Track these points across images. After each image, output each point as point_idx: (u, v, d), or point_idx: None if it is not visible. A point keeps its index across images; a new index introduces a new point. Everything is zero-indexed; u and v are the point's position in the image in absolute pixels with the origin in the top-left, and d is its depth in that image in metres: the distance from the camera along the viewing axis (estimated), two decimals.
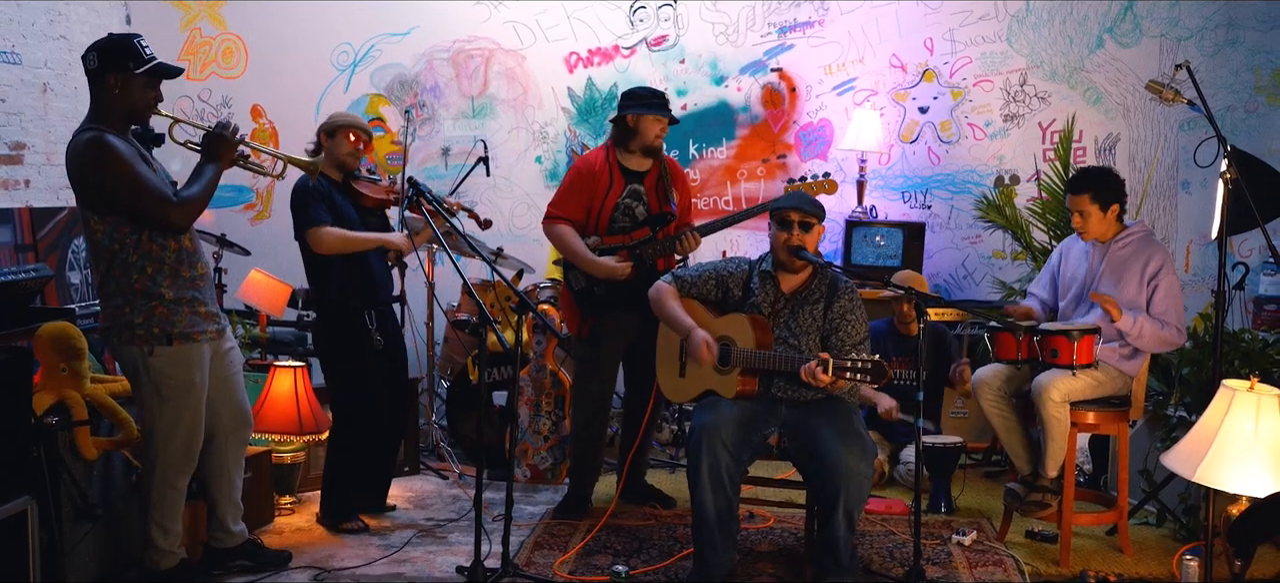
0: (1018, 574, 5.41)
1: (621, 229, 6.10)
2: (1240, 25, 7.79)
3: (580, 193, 6.09)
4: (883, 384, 5.03)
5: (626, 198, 6.10)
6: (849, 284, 5.45)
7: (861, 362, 4.92)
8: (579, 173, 6.16)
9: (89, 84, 4.84)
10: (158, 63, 4.87)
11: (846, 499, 4.96)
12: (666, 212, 6.12)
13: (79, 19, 7.78)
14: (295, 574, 5.37)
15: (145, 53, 4.82)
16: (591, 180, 6.09)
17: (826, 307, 5.37)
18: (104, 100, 4.81)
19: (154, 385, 4.87)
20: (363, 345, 5.94)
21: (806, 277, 5.44)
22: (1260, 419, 4.14)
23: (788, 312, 5.40)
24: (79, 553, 4.97)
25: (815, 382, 5.00)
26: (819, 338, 5.33)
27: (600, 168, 6.10)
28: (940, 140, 8.22)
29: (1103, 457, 6.70)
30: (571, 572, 5.38)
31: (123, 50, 4.79)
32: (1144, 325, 5.53)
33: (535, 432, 6.95)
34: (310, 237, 5.83)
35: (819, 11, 8.23)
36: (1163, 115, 7.94)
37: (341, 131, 5.97)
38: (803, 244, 5.32)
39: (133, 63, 4.77)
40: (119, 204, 4.74)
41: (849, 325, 5.33)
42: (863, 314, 5.40)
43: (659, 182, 6.15)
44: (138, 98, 4.83)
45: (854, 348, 5.26)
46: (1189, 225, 7.94)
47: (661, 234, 6.10)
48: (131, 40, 4.84)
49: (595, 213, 6.08)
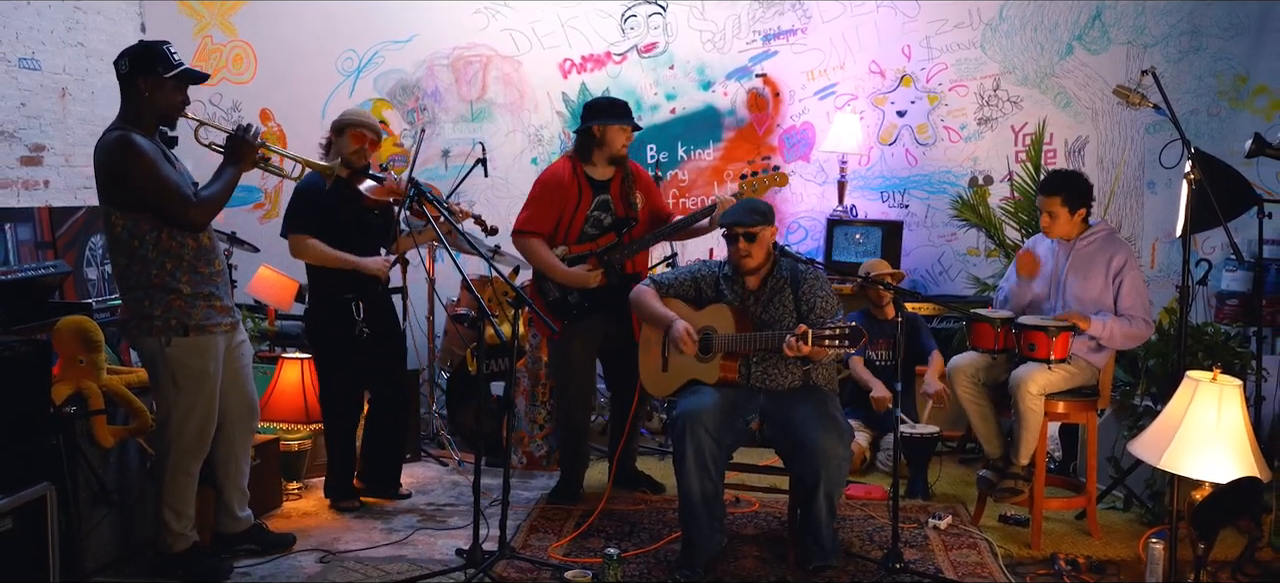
0: (991, 557, 5.41)
1: (589, 237, 6.06)
2: (1204, 33, 7.80)
3: (550, 206, 6.00)
4: (861, 347, 4.99)
5: (595, 210, 6.05)
6: (807, 263, 5.43)
7: (839, 327, 4.91)
8: (547, 186, 6.05)
9: (120, 87, 4.85)
10: (185, 68, 4.90)
11: (826, 482, 4.97)
12: (629, 216, 6.08)
13: (96, 27, 7.75)
14: (301, 557, 5.36)
15: (174, 59, 4.86)
16: (561, 194, 6.00)
17: (795, 291, 5.36)
18: (134, 103, 4.82)
19: (170, 375, 4.87)
20: (345, 333, 5.93)
21: (768, 268, 5.43)
22: (1222, 409, 4.15)
23: (759, 306, 5.39)
24: (96, 537, 4.98)
25: (798, 353, 4.99)
26: (794, 323, 5.30)
27: (569, 181, 6.01)
28: (917, 143, 8.22)
29: (1072, 444, 6.70)
30: (566, 554, 5.37)
31: (153, 56, 4.82)
32: (1114, 327, 5.53)
33: (531, 421, 6.94)
34: (291, 241, 5.88)
35: (802, 20, 8.23)
36: (1129, 119, 7.95)
37: (349, 130, 5.95)
38: (750, 253, 5.31)
39: (161, 68, 4.80)
40: (143, 201, 4.74)
41: (821, 302, 5.31)
42: (830, 289, 5.39)
43: (622, 186, 6.10)
44: (166, 101, 4.85)
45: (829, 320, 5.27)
46: (1155, 224, 7.96)
47: (627, 238, 6.07)
48: (161, 47, 4.86)
49: (565, 226, 6.02)
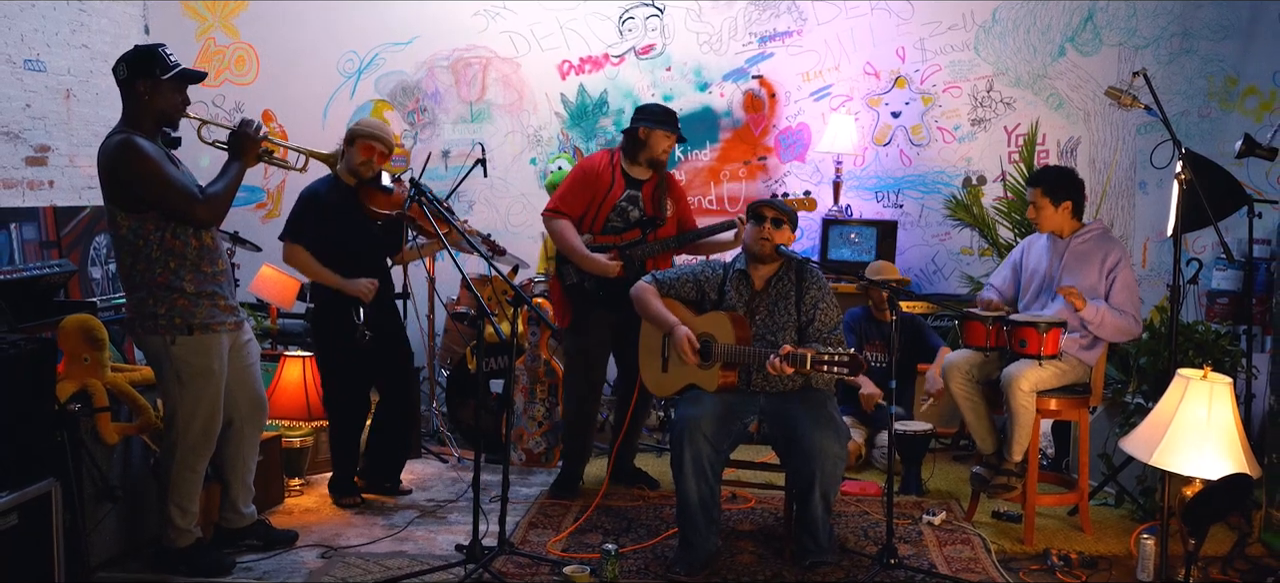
0: (984, 552, 5.42)
1: (614, 230, 6.09)
2: (1194, 35, 7.80)
3: (583, 191, 6.08)
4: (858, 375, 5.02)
5: (624, 202, 6.09)
6: (816, 271, 5.45)
7: (837, 354, 4.92)
8: (584, 172, 6.13)
9: (121, 92, 4.85)
10: (182, 69, 4.89)
11: (822, 480, 4.97)
12: (657, 216, 6.11)
13: (100, 29, 7.74)
14: (303, 552, 5.35)
15: (170, 60, 4.85)
16: (594, 180, 6.07)
17: (799, 298, 5.37)
18: (135, 106, 4.82)
19: (175, 372, 4.87)
20: (347, 337, 5.93)
21: (776, 268, 5.44)
22: (1213, 406, 4.15)
23: (763, 309, 5.40)
24: (100, 532, 4.98)
25: (780, 372, 4.99)
26: (795, 330, 5.33)
27: (604, 169, 6.10)
28: (911, 143, 8.23)
29: (1064, 441, 6.71)
30: (564, 550, 5.37)
31: (149, 59, 4.82)
32: (1105, 314, 5.54)
33: (530, 418, 6.95)
34: (285, 248, 5.91)
35: (797, 22, 8.23)
36: (1121, 119, 7.95)
37: (358, 141, 5.93)
38: (771, 238, 5.33)
39: (159, 69, 4.80)
40: (148, 201, 4.74)
41: (823, 314, 5.34)
42: (834, 300, 5.42)
43: (656, 190, 6.15)
44: (166, 102, 4.84)
45: (830, 334, 5.29)
46: (1146, 223, 7.96)
47: (651, 237, 6.09)
48: (156, 49, 4.86)
49: (593, 212, 6.08)
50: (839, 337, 5.31)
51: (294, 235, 5.87)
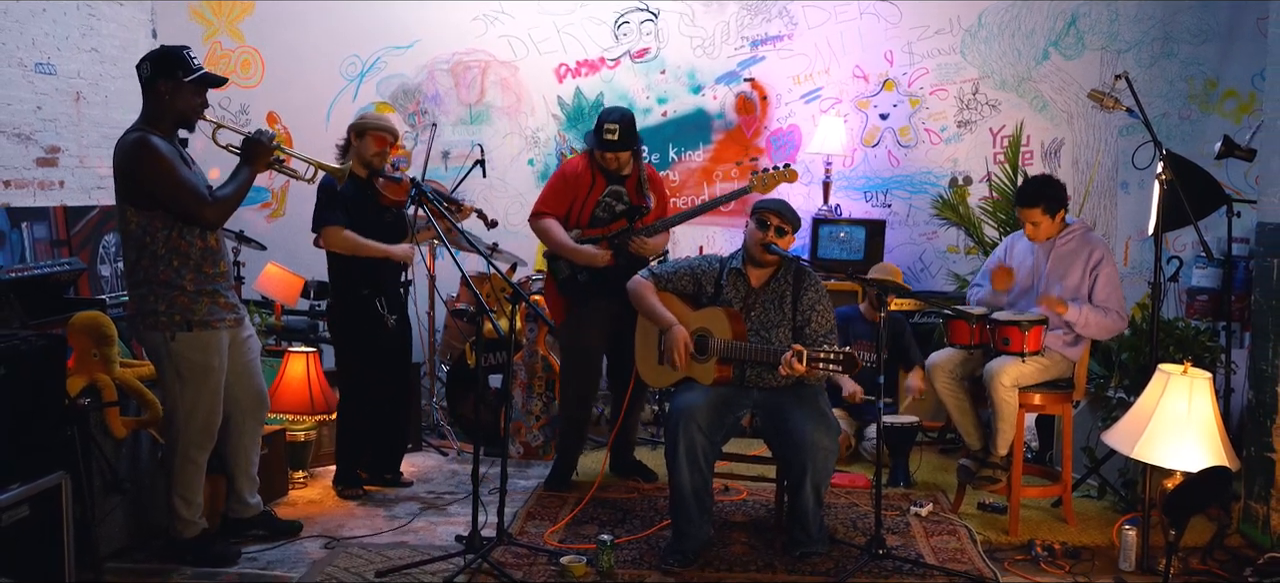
0: (970, 543, 5.42)
1: (601, 222, 6.10)
2: (1175, 39, 7.82)
3: (564, 192, 6.12)
4: (854, 373, 5.03)
5: (607, 196, 6.10)
6: (813, 274, 5.45)
7: (833, 352, 4.93)
8: (563, 176, 6.18)
9: (142, 90, 4.85)
10: (204, 73, 4.89)
11: (814, 473, 4.98)
12: (641, 205, 6.12)
13: (109, 33, 7.73)
14: (307, 543, 5.35)
15: (193, 63, 4.85)
16: (574, 182, 6.11)
17: (795, 299, 5.36)
18: (155, 105, 4.82)
19: (175, 368, 4.87)
20: (375, 328, 5.97)
21: (773, 270, 5.44)
22: (1193, 400, 4.16)
23: (759, 307, 5.39)
24: (109, 524, 4.97)
25: (791, 372, 5.01)
26: (790, 329, 5.33)
27: (582, 172, 6.11)
28: (899, 144, 8.23)
29: (1048, 435, 6.71)
30: (561, 540, 5.37)
31: (173, 60, 4.82)
32: (1088, 315, 5.53)
33: (527, 412, 6.94)
34: (324, 234, 5.87)
35: (788, 26, 8.24)
36: (1104, 121, 7.96)
37: (370, 134, 5.97)
38: (774, 243, 5.32)
39: (181, 72, 4.80)
40: (159, 199, 4.74)
41: (818, 316, 5.33)
42: (829, 303, 5.41)
43: (637, 181, 6.17)
44: (185, 104, 4.84)
45: (825, 336, 5.28)
46: (1128, 223, 7.97)
47: (638, 224, 6.10)
48: (181, 51, 4.86)
49: (577, 210, 6.09)
50: (833, 340, 5.30)
51: (331, 220, 5.86)
